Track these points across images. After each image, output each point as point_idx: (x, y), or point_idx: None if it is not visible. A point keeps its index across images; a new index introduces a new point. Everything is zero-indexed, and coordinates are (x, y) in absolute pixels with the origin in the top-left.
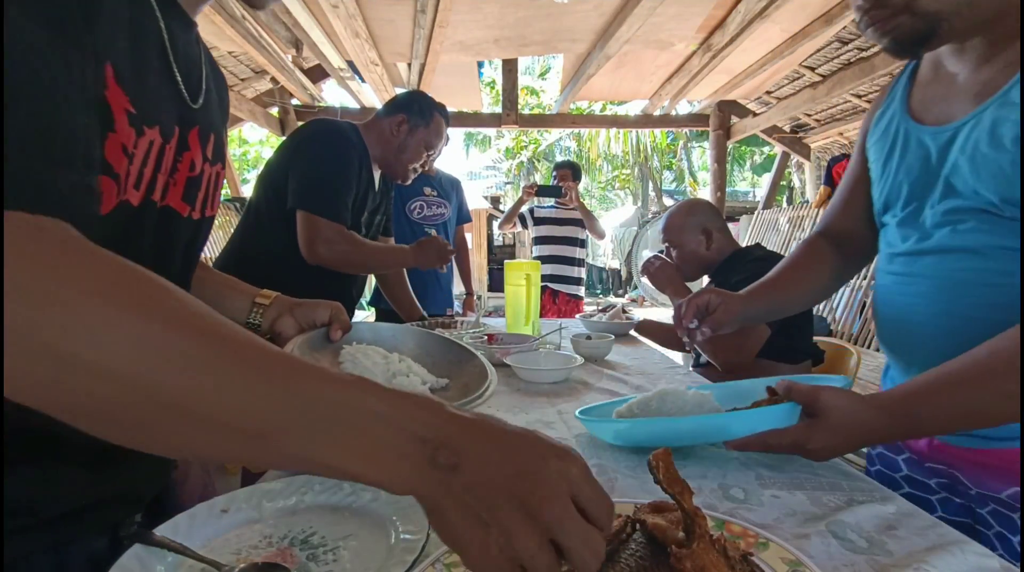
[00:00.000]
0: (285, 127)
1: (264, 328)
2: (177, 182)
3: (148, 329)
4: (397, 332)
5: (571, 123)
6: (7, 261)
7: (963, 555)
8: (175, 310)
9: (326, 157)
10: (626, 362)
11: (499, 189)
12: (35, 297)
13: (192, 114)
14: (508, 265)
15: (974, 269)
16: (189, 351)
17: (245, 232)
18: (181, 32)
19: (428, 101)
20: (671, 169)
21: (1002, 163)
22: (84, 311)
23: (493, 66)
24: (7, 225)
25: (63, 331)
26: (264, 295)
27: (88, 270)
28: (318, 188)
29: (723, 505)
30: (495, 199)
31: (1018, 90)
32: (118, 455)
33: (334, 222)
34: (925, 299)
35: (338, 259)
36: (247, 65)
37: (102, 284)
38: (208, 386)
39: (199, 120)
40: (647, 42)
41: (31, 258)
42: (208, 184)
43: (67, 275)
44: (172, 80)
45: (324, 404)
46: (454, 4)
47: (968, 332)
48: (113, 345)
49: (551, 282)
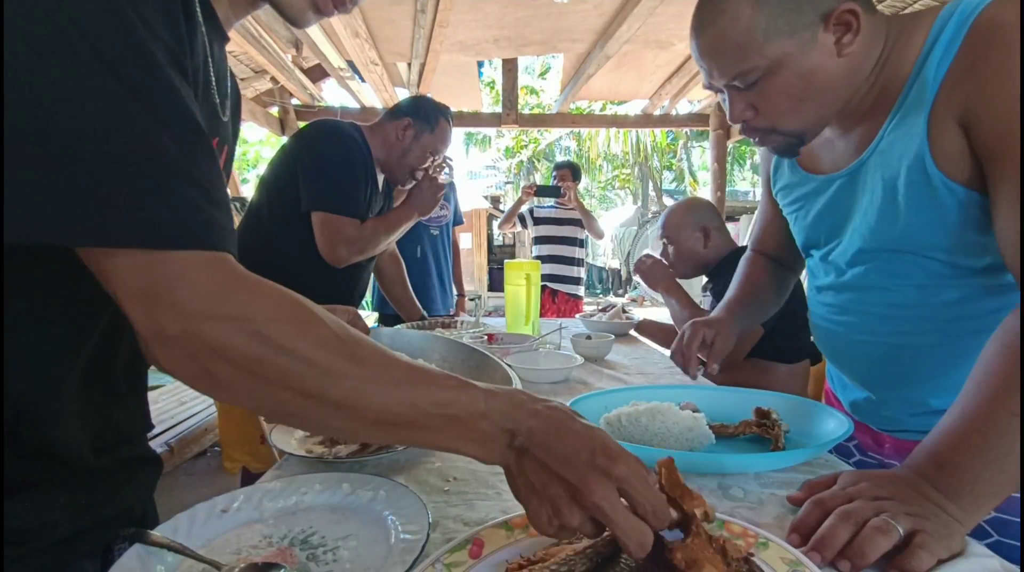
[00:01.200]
0: (285, 127)
1: None
2: None
3: (326, 358)
4: (420, 338)
5: (571, 123)
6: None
7: (963, 555)
8: (331, 337)
9: (334, 156)
10: (626, 362)
11: (499, 189)
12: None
13: (219, 126)
14: (508, 265)
15: (887, 303)
16: (350, 372)
17: (246, 233)
18: (218, 47)
19: (434, 106)
20: (671, 169)
21: (886, 204)
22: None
23: (493, 66)
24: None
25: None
26: None
27: (267, 297)
28: (330, 187)
29: (723, 505)
30: (495, 199)
31: (891, 135)
32: (114, 478)
33: (351, 218)
34: (851, 329)
35: (360, 253)
36: (247, 65)
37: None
38: (369, 394)
39: (220, 132)
40: (647, 42)
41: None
42: None
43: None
44: (210, 93)
45: (445, 405)
46: (454, 4)
47: (896, 356)
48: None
49: (551, 282)
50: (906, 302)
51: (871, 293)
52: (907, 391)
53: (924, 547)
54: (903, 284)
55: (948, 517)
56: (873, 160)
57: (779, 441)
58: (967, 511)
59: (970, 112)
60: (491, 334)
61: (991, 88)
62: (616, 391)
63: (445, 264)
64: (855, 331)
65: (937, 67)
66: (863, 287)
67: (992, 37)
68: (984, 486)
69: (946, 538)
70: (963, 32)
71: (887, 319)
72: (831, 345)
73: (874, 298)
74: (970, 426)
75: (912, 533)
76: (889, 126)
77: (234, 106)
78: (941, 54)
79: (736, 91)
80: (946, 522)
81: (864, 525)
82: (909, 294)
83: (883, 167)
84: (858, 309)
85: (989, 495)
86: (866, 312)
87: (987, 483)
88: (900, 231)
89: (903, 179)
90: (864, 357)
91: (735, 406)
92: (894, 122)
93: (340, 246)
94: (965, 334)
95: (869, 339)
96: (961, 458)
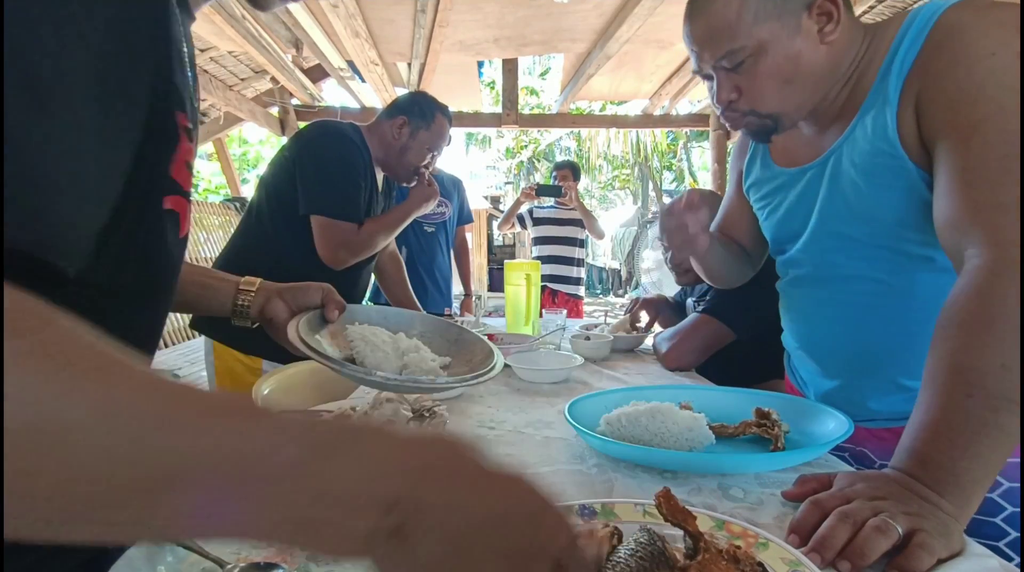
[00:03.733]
0: (285, 127)
1: (253, 313)
2: None
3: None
4: (399, 315)
5: (571, 123)
6: None
7: (962, 555)
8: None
9: (332, 159)
10: (626, 362)
11: (499, 189)
12: None
13: (194, 113)
14: (508, 265)
15: (862, 291)
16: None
17: (247, 234)
18: (188, 32)
19: (429, 102)
20: (671, 169)
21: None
22: None
23: (493, 66)
24: None
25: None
26: (249, 281)
27: None
28: (329, 191)
29: (723, 505)
30: (495, 199)
31: (861, 126)
32: None
33: (349, 222)
34: (828, 319)
35: (359, 255)
36: (247, 65)
37: None
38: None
39: (193, 118)
40: (647, 42)
41: None
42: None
43: None
44: (187, 83)
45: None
46: (454, 4)
47: (871, 340)
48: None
49: (551, 282)
50: (878, 290)
51: (848, 283)
52: (881, 375)
53: (924, 547)
54: (875, 270)
55: (944, 515)
56: (845, 148)
57: (779, 441)
58: (958, 505)
59: (922, 98)
60: (491, 334)
61: (941, 75)
62: (616, 391)
63: (442, 261)
64: (831, 321)
65: (902, 63)
66: (839, 278)
67: (949, 33)
68: (965, 476)
69: (945, 536)
70: (925, 31)
71: (862, 307)
72: (807, 337)
73: (851, 287)
74: (936, 417)
75: (911, 533)
76: (859, 118)
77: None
78: (905, 51)
79: (724, 72)
80: (943, 520)
81: (863, 525)
82: (881, 279)
83: (854, 154)
84: (835, 299)
85: (972, 484)
86: (843, 301)
87: (967, 472)
88: (870, 214)
89: (872, 163)
90: (840, 344)
91: (735, 406)
92: (865, 115)
93: (340, 250)
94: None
95: (844, 327)
96: (938, 452)
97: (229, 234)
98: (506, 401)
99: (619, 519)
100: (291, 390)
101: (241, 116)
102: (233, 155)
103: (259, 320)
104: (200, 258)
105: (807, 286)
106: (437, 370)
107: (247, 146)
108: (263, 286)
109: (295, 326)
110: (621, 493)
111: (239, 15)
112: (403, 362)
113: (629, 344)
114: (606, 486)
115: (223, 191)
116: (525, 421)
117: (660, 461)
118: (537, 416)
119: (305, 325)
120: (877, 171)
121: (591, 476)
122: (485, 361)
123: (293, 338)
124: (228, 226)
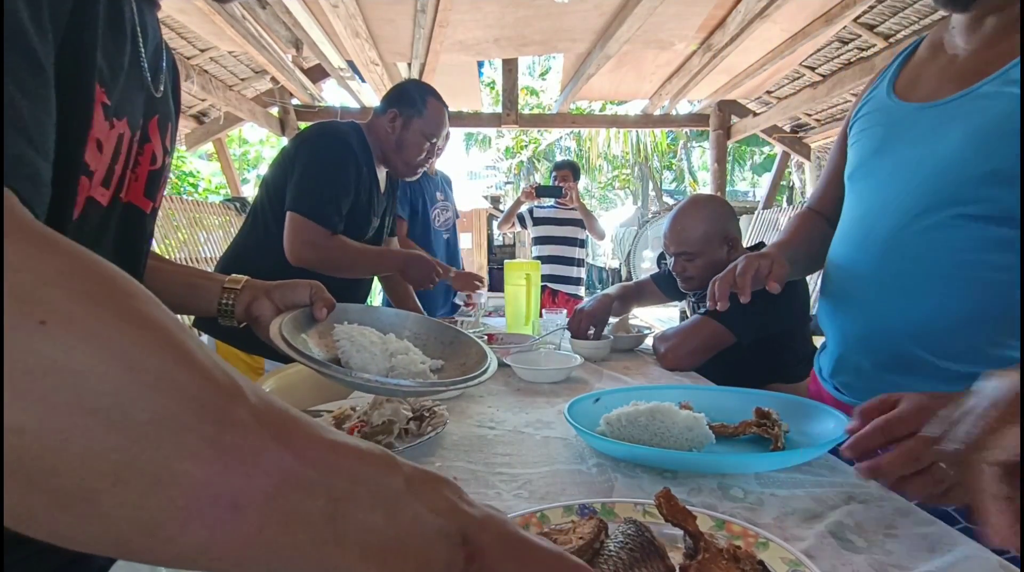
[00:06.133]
0: (285, 127)
1: (238, 313)
2: (139, 176)
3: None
4: (392, 315)
5: (571, 123)
6: None
7: (962, 555)
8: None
9: (322, 162)
10: (626, 362)
11: (499, 189)
12: None
13: (154, 103)
14: (508, 265)
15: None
16: None
17: (249, 234)
18: (148, 14)
19: (419, 89)
20: (671, 169)
21: (989, 135)
22: None
23: (493, 66)
24: None
25: None
26: (234, 280)
27: None
28: (310, 192)
29: (723, 505)
30: (495, 199)
31: (1017, 69)
32: None
33: (321, 226)
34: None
35: (321, 261)
36: (247, 65)
37: None
38: None
39: (159, 109)
40: (647, 42)
41: None
42: (164, 176)
43: None
44: (139, 67)
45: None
46: (454, 4)
47: (934, 295)
48: None
49: (551, 282)
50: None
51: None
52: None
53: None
54: (967, 236)
55: None
56: (990, 88)
57: (779, 441)
58: None
59: None
60: (491, 334)
61: None
62: (616, 391)
63: (456, 266)
64: (891, 274)
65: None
66: (933, 227)
67: None
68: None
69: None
70: None
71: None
72: (851, 287)
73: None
74: None
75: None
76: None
77: (173, 77)
78: None
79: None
80: None
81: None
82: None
83: (1002, 96)
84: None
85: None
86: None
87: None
88: (989, 164)
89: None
90: (889, 295)
91: (735, 406)
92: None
93: (304, 248)
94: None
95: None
96: None
97: (229, 234)
98: (506, 401)
99: (619, 519)
100: (292, 389)
101: (241, 116)
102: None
103: (245, 319)
104: (200, 258)
105: (885, 236)
106: (426, 373)
107: (247, 146)
108: (249, 284)
109: (278, 324)
110: (621, 493)
111: (239, 15)
112: (391, 364)
113: (629, 344)
114: (606, 486)
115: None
116: (525, 421)
117: (660, 461)
118: (537, 416)
119: (290, 323)
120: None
121: (591, 476)
122: (478, 364)
123: (275, 336)
124: (228, 226)
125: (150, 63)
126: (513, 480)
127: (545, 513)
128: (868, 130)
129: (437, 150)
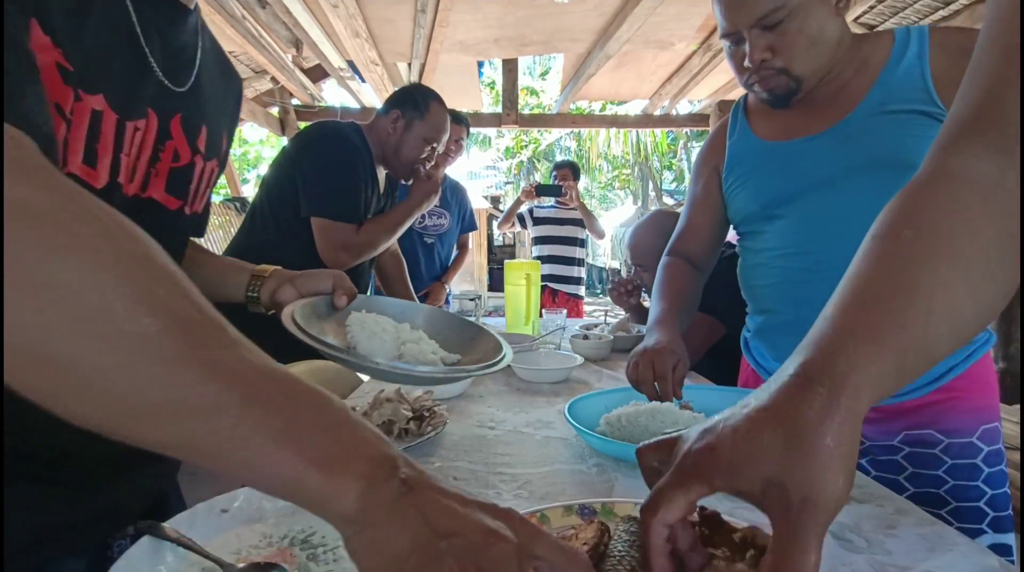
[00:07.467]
0: (285, 127)
1: (264, 300)
2: (159, 172)
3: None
4: (407, 307)
5: (571, 123)
6: None
7: (962, 554)
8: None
9: (331, 160)
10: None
11: (499, 189)
12: None
13: (174, 100)
14: (508, 265)
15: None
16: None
17: (249, 234)
18: (158, 14)
19: (422, 92)
20: (671, 169)
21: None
22: None
23: (493, 66)
24: None
25: None
26: (263, 268)
27: None
28: (327, 192)
29: (723, 505)
30: (495, 199)
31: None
32: (108, 471)
33: (348, 223)
34: (810, 272)
35: (358, 256)
36: (247, 65)
37: None
38: None
39: (183, 108)
40: (647, 42)
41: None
42: (200, 178)
43: None
44: (139, 57)
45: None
46: (454, 4)
47: None
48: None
49: (551, 282)
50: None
51: (835, 223)
52: None
53: None
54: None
55: None
56: (866, 106)
57: None
58: None
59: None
60: None
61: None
62: (616, 391)
63: (439, 274)
64: (813, 273)
65: (917, 58)
66: (826, 220)
67: (948, 33)
68: None
69: None
70: (925, 41)
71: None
72: (790, 294)
73: (837, 228)
74: None
75: None
76: (872, 95)
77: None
78: (915, 52)
79: (759, 32)
80: None
81: None
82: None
83: (891, 99)
84: (816, 249)
85: None
86: (826, 248)
87: None
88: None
89: (907, 108)
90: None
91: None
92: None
93: (340, 252)
94: None
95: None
96: None
97: (229, 234)
98: (506, 401)
99: (619, 519)
100: None
101: (241, 116)
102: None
103: (271, 306)
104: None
105: (791, 250)
106: (438, 363)
107: (247, 146)
108: (276, 273)
109: (292, 307)
110: (621, 493)
111: (239, 15)
112: (399, 352)
113: (629, 344)
114: (606, 486)
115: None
116: (525, 421)
117: None
118: (537, 416)
119: (308, 308)
120: (909, 114)
121: (591, 476)
122: (491, 356)
123: (286, 318)
124: (228, 226)
125: (162, 57)
126: (513, 480)
127: (545, 513)
128: (754, 172)
129: (449, 155)
